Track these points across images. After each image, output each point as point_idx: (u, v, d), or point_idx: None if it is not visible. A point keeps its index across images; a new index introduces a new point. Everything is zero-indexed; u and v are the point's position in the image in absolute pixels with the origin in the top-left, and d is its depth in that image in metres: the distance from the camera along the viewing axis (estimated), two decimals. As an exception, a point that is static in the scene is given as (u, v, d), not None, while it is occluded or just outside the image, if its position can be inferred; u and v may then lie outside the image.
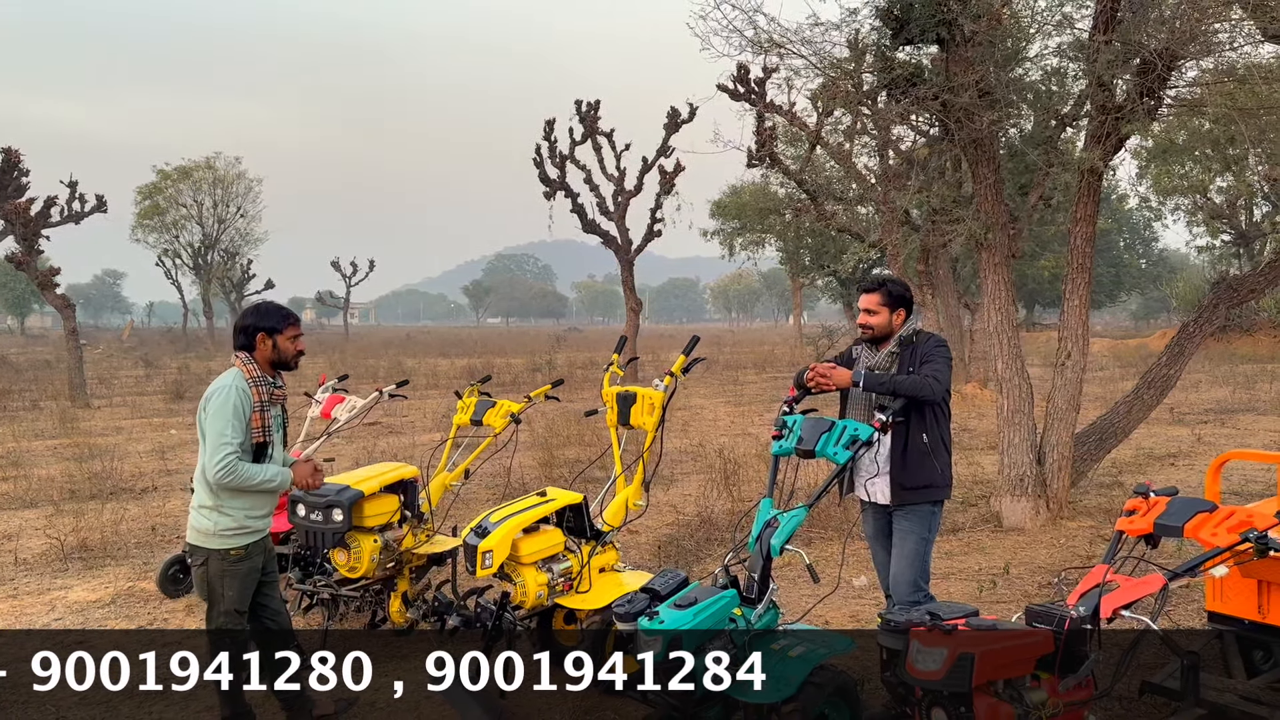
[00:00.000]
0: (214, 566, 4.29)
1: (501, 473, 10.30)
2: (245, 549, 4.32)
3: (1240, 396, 18.46)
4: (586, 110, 22.90)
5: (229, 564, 4.29)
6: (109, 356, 37.80)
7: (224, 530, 4.26)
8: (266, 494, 4.40)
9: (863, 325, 4.90)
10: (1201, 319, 8.83)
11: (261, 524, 4.40)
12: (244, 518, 4.30)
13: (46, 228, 21.91)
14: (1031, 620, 3.24)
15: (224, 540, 4.27)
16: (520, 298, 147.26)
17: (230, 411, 4.19)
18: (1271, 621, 4.48)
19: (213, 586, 4.30)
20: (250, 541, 4.34)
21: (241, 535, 4.30)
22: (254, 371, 4.35)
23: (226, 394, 4.23)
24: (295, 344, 4.48)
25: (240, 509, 4.28)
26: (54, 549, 7.95)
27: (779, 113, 14.38)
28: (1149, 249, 58.77)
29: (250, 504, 4.32)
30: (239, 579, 4.32)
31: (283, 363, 4.47)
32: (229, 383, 4.28)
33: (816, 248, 32.47)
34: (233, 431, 4.18)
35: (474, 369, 25.04)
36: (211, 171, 49.37)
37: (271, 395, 4.38)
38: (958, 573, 7.10)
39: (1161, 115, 8.26)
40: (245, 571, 4.33)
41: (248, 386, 4.29)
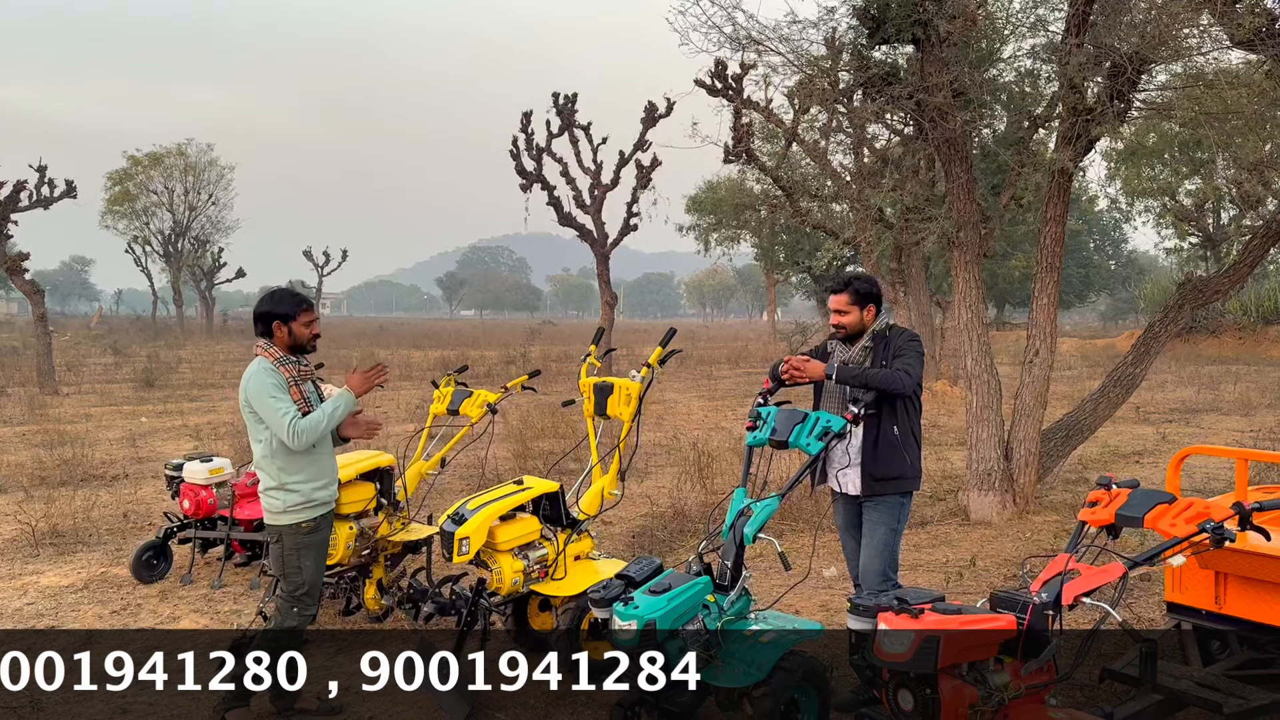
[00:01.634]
0: (288, 542, 4.48)
1: (476, 464, 10.33)
2: (315, 521, 4.53)
3: (1205, 396, 18.79)
4: (564, 103, 22.89)
5: (302, 537, 4.49)
6: (77, 344, 37.35)
7: (292, 506, 4.46)
8: (325, 464, 4.60)
9: (835, 325, 4.99)
10: (1167, 319, 9.00)
11: (326, 495, 4.60)
12: (310, 490, 4.50)
13: (15, 212, 21.63)
14: (995, 606, 3.34)
15: (295, 515, 4.47)
16: (495, 290, 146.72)
17: (271, 387, 4.39)
18: (1228, 612, 4.62)
19: (288, 561, 4.50)
20: (319, 514, 4.55)
21: (310, 509, 4.51)
22: (276, 354, 4.52)
23: (260, 376, 4.41)
24: (310, 328, 4.63)
25: (302, 483, 4.48)
26: (25, 535, 7.90)
27: (756, 109, 14.49)
28: (1118, 250, 59.55)
29: (311, 475, 4.51)
30: (314, 550, 4.54)
31: (299, 346, 4.61)
32: (256, 369, 4.46)
33: (791, 244, 32.68)
34: (283, 402, 4.38)
35: (448, 361, 24.99)
36: (183, 158, 48.88)
37: (300, 371, 4.56)
38: (926, 564, 7.23)
39: (1131, 118, 8.42)
40: (318, 543, 4.57)
41: (275, 367, 4.46)
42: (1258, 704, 3.99)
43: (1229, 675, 4.28)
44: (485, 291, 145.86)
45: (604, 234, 23.33)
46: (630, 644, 3.87)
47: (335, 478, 4.74)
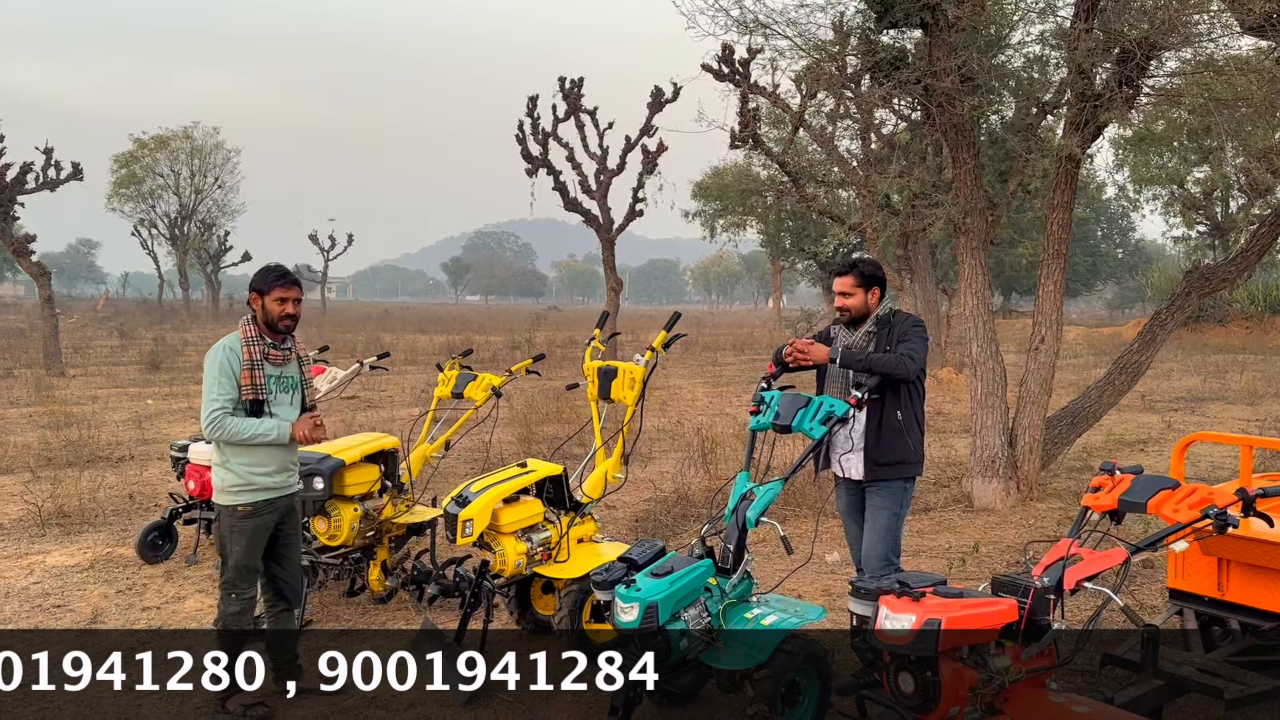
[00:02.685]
0: (224, 522, 4.41)
1: (481, 448, 10.35)
2: (253, 506, 4.39)
3: (1211, 385, 18.75)
4: (570, 87, 22.81)
5: (236, 520, 4.38)
6: (84, 326, 37.44)
7: (230, 486, 4.36)
8: (271, 450, 4.44)
9: (840, 308, 4.98)
10: (1173, 307, 8.98)
11: (271, 481, 4.44)
12: (248, 474, 4.36)
13: (21, 194, 21.65)
14: (997, 590, 3.34)
15: (230, 496, 4.37)
16: (500, 276, 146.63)
17: (217, 370, 4.30)
18: (1230, 599, 4.62)
19: (223, 540, 4.43)
20: (259, 499, 4.41)
21: (247, 492, 4.37)
22: (250, 332, 4.42)
23: (215, 354, 4.34)
24: (282, 306, 4.44)
25: (243, 465, 4.36)
26: (31, 515, 7.95)
27: (763, 94, 14.41)
28: (1126, 239, 59.31)
29: (253, 460, 4.38)
30: (246, 535, 4.39)
31: (270, 324, 4.46)
32: (222, 343, 4.39)
33: (797, 231, 32.62)
34: (219, 389, 4.28)
35: (453, 345, 25.01)
36: (189, 141, 48.81)
37: (267, 354, 4.42)
38: (928, 550, 7.23)
39: (1139, 105, 8.36)
40: (253, 529, 4.41)
41: (239, 346, 4.36)
42: (1259, 690, 4.00)
43: (1230, 661, 4.28)
44: (490, 277, 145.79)
45: (609, 219, 23.28)
46: (632, 626, 3.88)
47: (286, 466, 4.54)
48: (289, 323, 4.49)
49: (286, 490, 4.55)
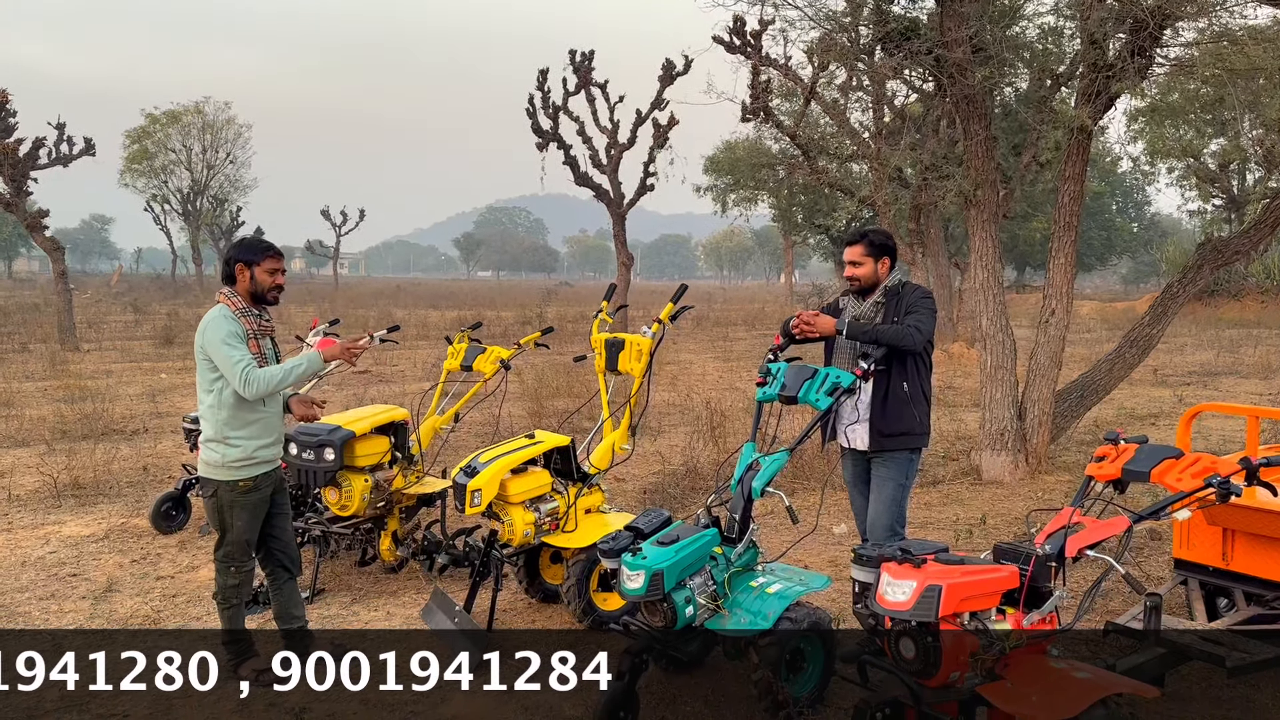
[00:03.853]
0: (224, 497, 4.39)
1: (490, 420, 10.41)
2: (254, 480, 4.41)
3: (1224, 360, 18.65)
4: (580, 60, 22.70)
5: (238, 495, 4.39)
6: (98, 301, 37.66)
7: (232, 462, 4.36)
8: (272, 423, 4.48)
9: (849, 277, 4.98)
10: (1186, 280, 8.92)
11: (269, 454, 4.48)
12: (252, 449, 4.39)
13: (34, 170, 21.73)
14: (999, 558, 3.37)
15: (233, 472, 4.37)
16: (511, 251, 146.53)
17: (227, 334, 4.27)
18: (1235, 568, 4.64)
19: (223, 516, 4.42)
20: (259, 473, 4.43)
21: (250, 466, 4.40)
22: (238, 304, 4.40)
23: (218, 322, 4.31)
24: (273, 277, 4.45)
25: (247, 439, 4.37)
26: (47, 486, 8.04)
27: (774, 66, 14.32)
28: (1141, 212, 58.83)
29: (256, 433, 4.40)
30: (248, 510, 4.43)
31: (260, 295, 4.45)
32: (215, 315, 4.35)
33: (809, 205, 32.44)
34: (238, 349, 4.27)
35: (464, 321, 25.05)
36: (200, 116, 48.80)
37: (260, 326, 4.44)
38: (936, 522, 7.26)
39: (1153, 75, 8.28)
40: (254, 503, 4.44)
41: (235, 316, 4.35)
42: (1261, 658, 4.02)
43: (1233, 630, 4.30)
44: (502, 252, 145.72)
45: (620, 194, 23.21)
46: (638, 594, 3.92)
47: (280, 438, 4.59)
48: (277, 294, 4.51)
49: (278, 461, 4.59)
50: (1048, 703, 2.99)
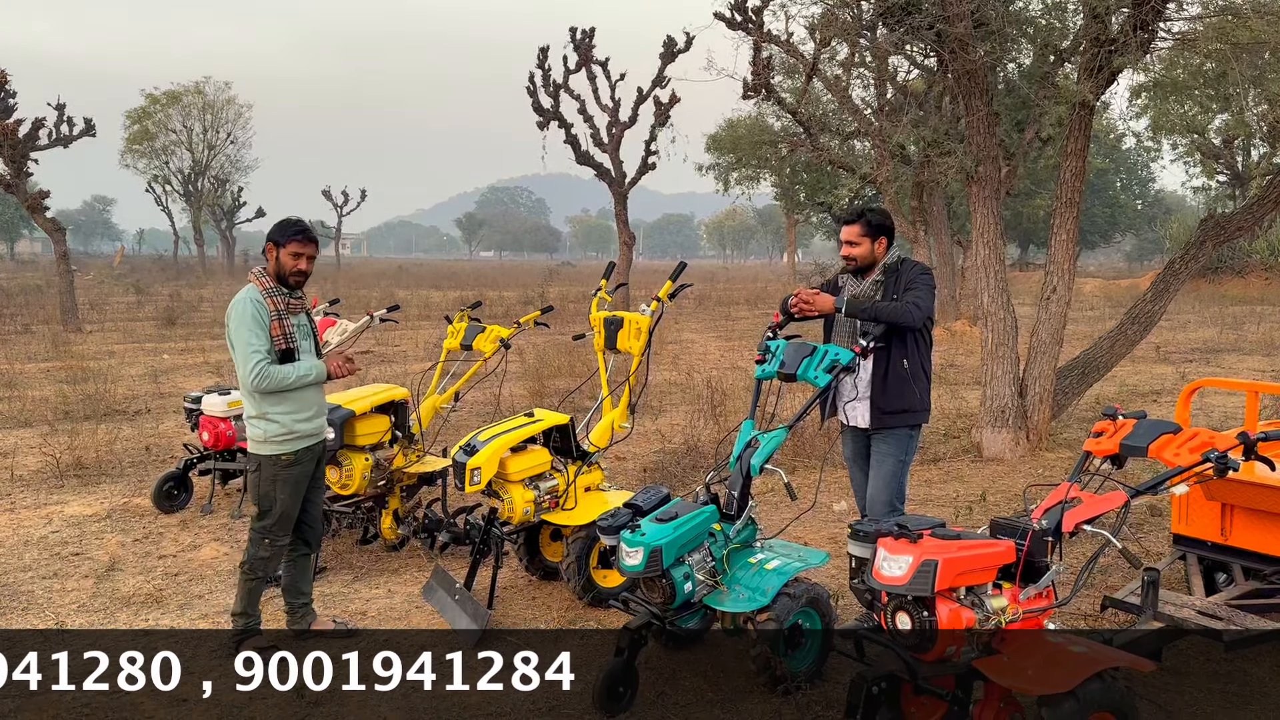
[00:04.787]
0: (266, 471, 4.45)
1: (491, 400, 10.43)
2: (295, 454, 4.47)
3: (1227, 337, 18.62)
4: (581, 38, 22.57)
5: (280, 469, 4.45)
6: (100, 283, 37.66)
7: (273, 437, 4.41)
8: (309, 397, 4.52)
9: (846, 257, 4.95)
10: (1188, 256, 8.90)
11: (310, 428, 4.52)
12: (291, 422, 4.43)
13: (34, 150, 21.67)
14: (996, 533, 3.37)
15: (274, 446, 4.42)
16: (513, 231, 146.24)
17: (250, 320, 4.32)
18: (1233, 543, 4.65)
19: (265, 491, 4.47)
20: (300, 447, 4.49)
21: (291, 440, 4.45)
22: (266, 283, 4.44)
23: (243, 306, 4.36)
24: (295, 261, 4.47)
25: (285, 414, 4.41)
26: (49, 466, 8.07)
27: (776, 43, 14.22)
28: (1145, 189, 58.54)
29: (294, 408, 4.44)
30: (291, 484, 4.48)
31: (280, 277, 4.49)
32: (243, 296, 4.40)
33: (811, 184, 32.34)
34: (256, 340, 4.31)
35: (466, 301, 25.01)
36: (201, 97, 48.65)
37: (289, 304, 4.47)
38: (936, 499, 7.27)
39: (1155, 49, 8.22)
40: (297, 476, 4.51)
41: (261, 297, 4.39)
42: (1258, 632, 4.03)
43: (1231, 604, 4.31)
44: (504, 232, 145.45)
45: (622, 173, 23.14)
46: (637, 570, 3.94)
47: (321, 411, 4.63)
48: (299, 279, 4.53)
49: (320, 436, 4.65)
50: (1044, 676, 3.00)
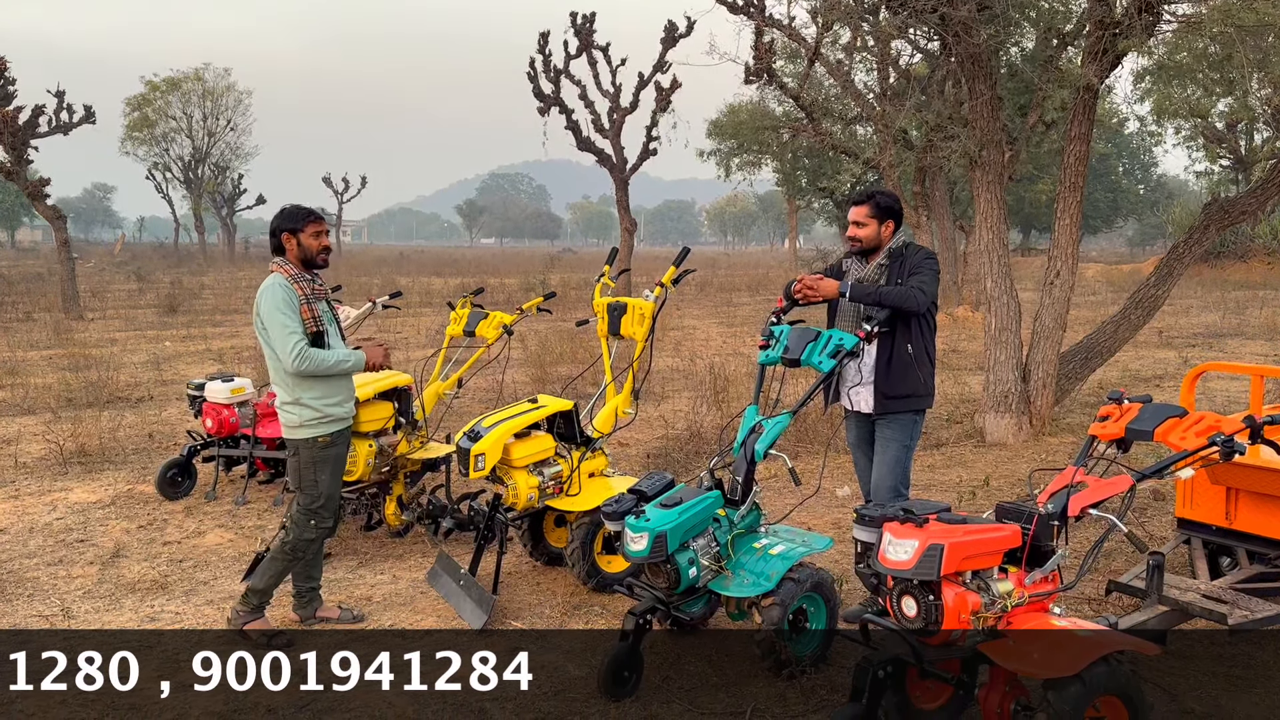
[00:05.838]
0: (305, 455, 4.52)
1: (494, 386, 10.42)
2: (331, 437, 4.55)
3: (1230, 321, 18.59)
4: (581, 23, 22.45)
5: (319, 451, 4.52)
6: (101, 270, 37.65)
7: (309, 421, 4.48)
8: (341, 382, 4.60)
9: (852, 238, 4.93)
10: (1191, 240, 8.88)
11: (343, 411, 4.61)
12: (323, 406, 4.50)
13: (35, 138, 21.63)
14: (1001, 517, 3.37)
15: (311, 430, 4.49)
16: (514, 218, 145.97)
17: (282, 304, 4.37)
18: (1238, 527, 4.64)
19: (305, 474, 4.54)
20: (335, 430, 4.57)
21: (326, 424, 4.52)
22: (290, 270, 4.49)
23: (272, 292, 4.40)
24: (318, 240, 4.58)
25: (317, 399, 4.49)
26: (53, 453, 8.08)
27: (778, 27, 14.15)
28: (1147, 174, 58.37)
29: (325, 393, 4.51)
30: (330, 464, 4.57)
31: (310, 260, 4.56)
32: (271, 282, 4.45)
33: (813, 169, 32.23)
34: (292, 322, 4.37)
35: (468, 288, 24.98)
36: (200, 83, 48.49)
37: (314, 290, 4.53)
38: (939, 484, 7.27)
39: (1159, 32, 8.18)
40: (335, 457, 4.59)
41: (288, 283, 4.44)
42: (1262, 616, 4.03)
43: (1236, 588, 4.31)
44: (505, 219, 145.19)
45: (623, 159, 23.05)
46: (641, 555, 3.94)
47: (351, 395, 4.74)
48: (326, 255, 4.63)
49: (350, 419, 4.71)
50: (1049, 660, 3.00)
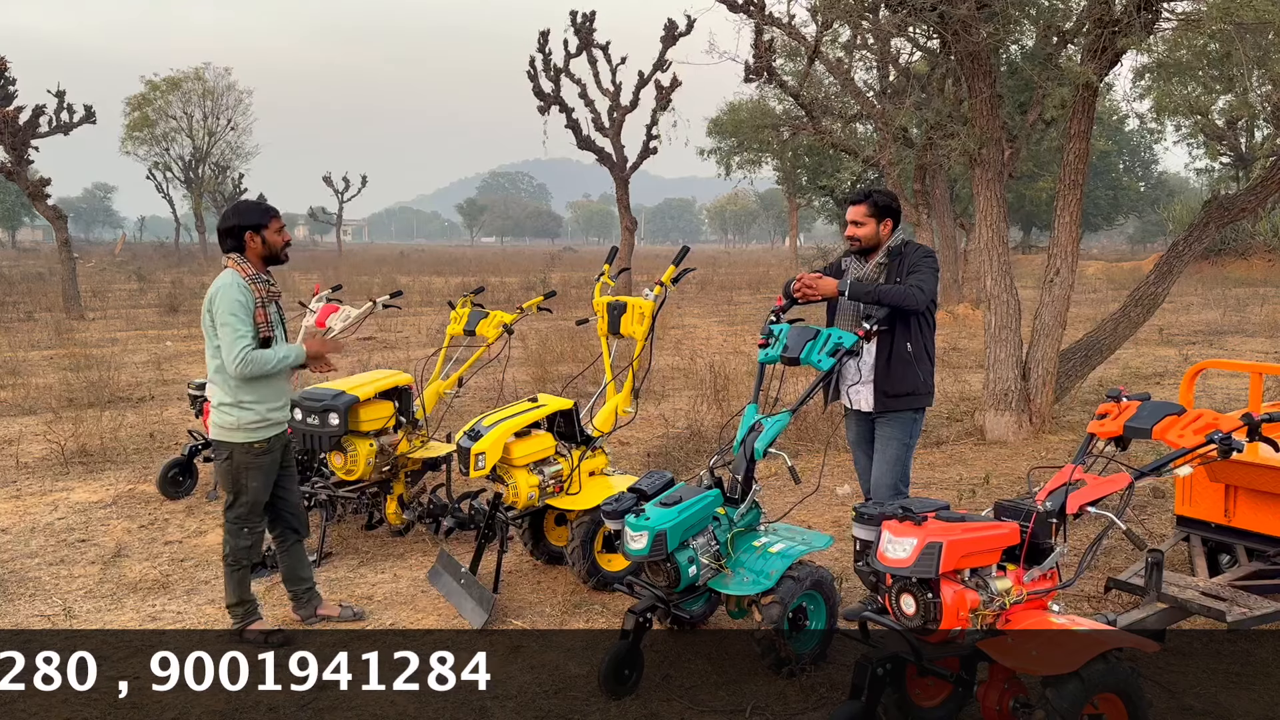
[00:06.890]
0: (238, 459, 4.45)
1: (494, 385, 10.43)
2: (267, 442, 4.48)
3: (1231, 319, 18.59)
4: (581, 21, 22.46)
5: (253, 457, 4.46)
6: (102, 270, 37.66)
7: (247, 424, 4.42)
8: (280, 386, 4.54)
9: (850, 237, 4.94)
10: (1191, 238, 8.87)
11: (280, 416, 4.55)
12: (265, 411, 4.45)
13: (35, 138, 21.64)
14: (1000, 515, 3.38)
15: (248, 434, 4.43)
16: (515, 217, 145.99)
17: (238, 308, 4.32)
18: (1237, 525, 4.65)
19: (236, 479, 4.48)
20: (272, 435, 4.51)
21: (264, 428, 4.46)
22: (249, 270, 4.43)
23: (230, 293, 4.34)
24: (281, 235, 4.55)
25: (259, 403, 4.43)
26: (54, 453, 8.09)
27: (777, 25, 14.15)
28: (1148, 171, 58.34)
29: (267, 396, 4.46)
30: (262, 471, 4.50)
31: (273, 256, 4.53)
32: (228, 281, 4.38)
33: (813, 167, 32.27)
34: (244, 325, 4.33)
35: (468, 287, 24.99)
36: (201, 83, 48.50)
37: (269, 292, 4.48)
38: (939, 482, 7.28)
39: (1159, 30, 8.18)
40: (268, 464, 4.52)
41: (246, 284, 4.39)
42: (1261, 613, 4.04)
43: (1234, 585, 4.32)
44: (506, 218, 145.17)
45: (623, 158, 23.08)
46: (641, 554, 3.95)
47: (288, 401, 4.67)
48: (286, 249, 4.59)
49: (286, 424, 4.66)
50: (1048, 657, 3.01)
